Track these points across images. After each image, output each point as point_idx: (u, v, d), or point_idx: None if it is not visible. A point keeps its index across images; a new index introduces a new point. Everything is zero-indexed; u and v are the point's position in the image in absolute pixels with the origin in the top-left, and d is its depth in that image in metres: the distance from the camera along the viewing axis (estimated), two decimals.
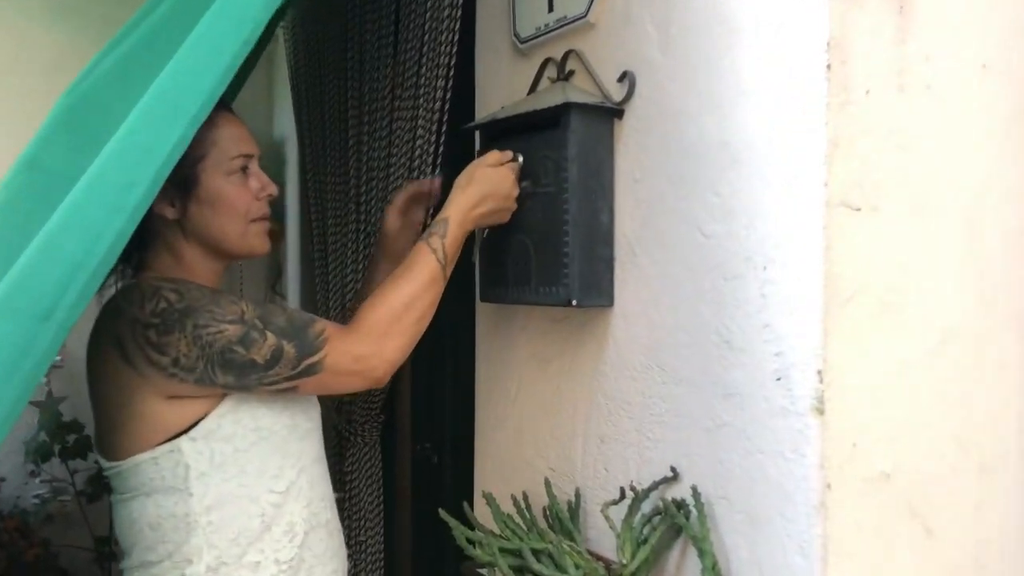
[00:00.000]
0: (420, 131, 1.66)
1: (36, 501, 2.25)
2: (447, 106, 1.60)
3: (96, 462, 2.26)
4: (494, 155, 1.28)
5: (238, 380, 1.14)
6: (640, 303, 1.20)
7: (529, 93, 1.38)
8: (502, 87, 1.47)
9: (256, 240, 1.27)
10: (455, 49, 1.57)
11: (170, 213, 1.22)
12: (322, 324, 1.17)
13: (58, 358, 2.28)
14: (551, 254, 1.23)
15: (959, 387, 1.10)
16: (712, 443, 1.09)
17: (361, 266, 1.92)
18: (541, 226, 1.26)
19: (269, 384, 1.15)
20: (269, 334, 1.13)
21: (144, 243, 1.25)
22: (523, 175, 1.28)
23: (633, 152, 1.21)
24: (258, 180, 1.26)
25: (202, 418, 1.16)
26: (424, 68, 1.64)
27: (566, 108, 1.19)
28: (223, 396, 1.17)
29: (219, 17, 0.87)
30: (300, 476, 1.23)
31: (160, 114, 0.83)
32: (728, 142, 1.06)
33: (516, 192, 1.28)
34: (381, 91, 1.83)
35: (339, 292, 2.02)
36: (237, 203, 1.23)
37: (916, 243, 1.05)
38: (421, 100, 1.65)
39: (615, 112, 1.22)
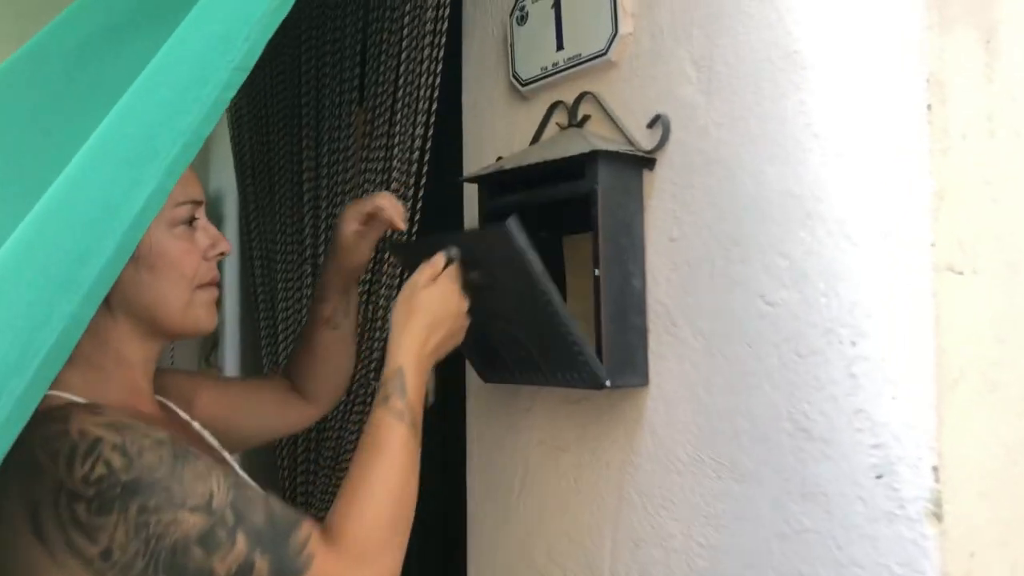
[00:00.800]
0: (395, 185, 1.47)
1: None
2: (427, 157, 1.42)
3: None
4: (425, 270, 1.03)
5: None
6: (684, 383, 1.03)
7: (533, 142, 1.21)
8: (497, 136, 1.30)
9: (202, 312, 0.98)
10: (436, 93, 1.40)
11: None
12: (307, 529, 0.85)
13: None
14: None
15: None
16: (789, 553, 0.91)
17: None
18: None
19: None
20: (240, 536, 0.80)
21: None
22: (470, 265, 1.04)
23: (668, 207, 1.05)
24: (207, 235, 0.98)
25: None
26: (399, 115, 1.46)
27: (593, 157, 1.02)
28: None
29: (196, 30, 0.67)
30: None
31: (124, 158, 0.62)
32: (797, 195, 0.91)
33: (465, 305, 1.04)
34: (344, 140, 1.64)
35: None
36: (183, 264, 0.94)
37: (1012, 309, 0.91)
38: (396, 151, 1.47)
39: (646, 162, 1.06)
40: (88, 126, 0.67)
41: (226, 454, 1.11)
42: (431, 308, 1.01)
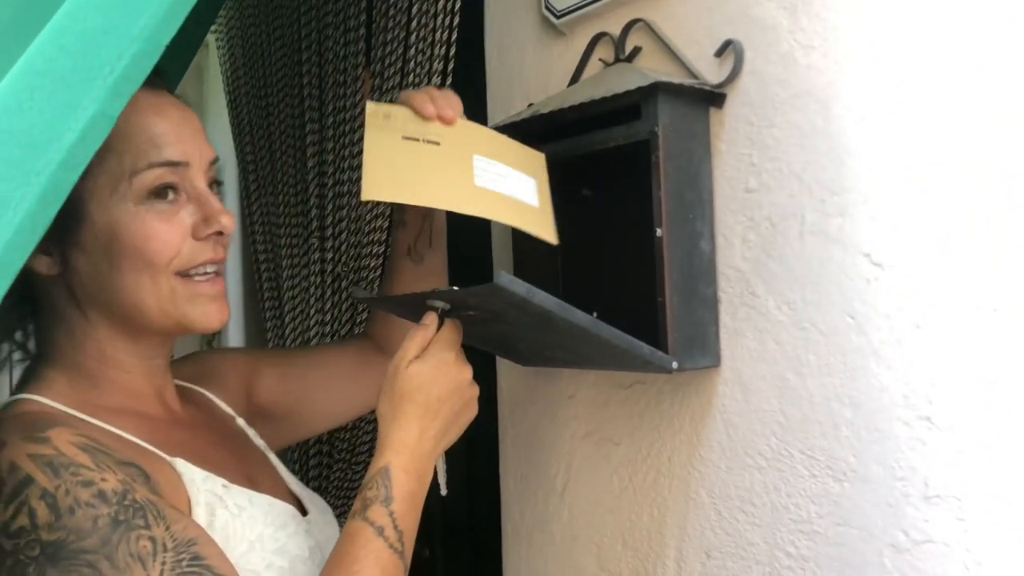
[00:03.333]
0: None
1: None
2: None
3: None
4: (413, 341, 0.82)
5: None
6: (765, 363, 0.85)
7: (571, 83, 1.04)
8: (528, 80, 1.12)
9: (194, 310, 0.79)
10: (455, 36, 1.22)
11: (44, 266, 0.75)
12: None
13: None
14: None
15: None
16: (907, 568, 0.74)
17: (329, 316, 1.53)
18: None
19: None
20: None
21: (34, 310, 0.80)
22: (461, 306, 0.83)
23: (743, 152, 0.87)
24: (198, 208, 0.78)
25: None
26: (413, 63, 1.28)
27: (652, 92, 0.85)
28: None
29: None
30: None
31: (56, 75, 0.45)
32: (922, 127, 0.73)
33: (469, 372, 0.84)
34: (351, 98, 1.46)
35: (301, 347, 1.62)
36: (148, 247, 0.74)
37: None
38: None
39: (713, 98, 0.89)
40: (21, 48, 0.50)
41: (271, 455, 0.97)
42: (422, 389, 0.80)
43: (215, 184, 0.83)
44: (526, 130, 1.00)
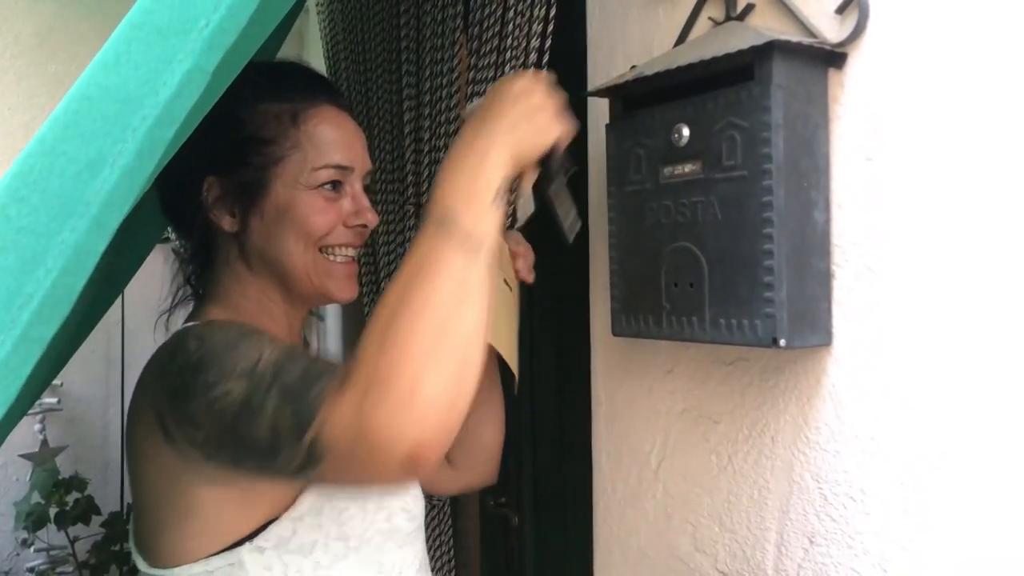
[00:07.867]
0: None
1: (30, 575, 1.87)
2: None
3: (102, 526, 1.89)
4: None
5: (236, 464, 0.78)
6: (882, 344, 0.80)
7: (678, 43, 0.99)
8: (631, 41, 1.08)
9: (330, 281, 0.92)
10: None
11: (228, 224, 0.92)
12: (336, 374, 0.71)
13: (55, 400, 1.91)
14: (740, 268, 0.84)
15: None
16: None
17: None
18: (722, 227, 0.86)
19: (279, 476, 0.78)
20: (270, 398, 0.71)
21: (209, 260, 0.96)
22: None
23: (863, 117, 0.81)
24: (354, 202, 0.93)
25: (272, 520, 0.82)
26: (513, 26, 1.25)
27: (767, 51, 0.80)
28: (301, 491, 0.83)
29: None
30: None
31: (154, 28, 0.44)
32: None
33: (550, 94, 0.81)
34: (448, 63, 1.44)
35: None
36: (308, 221, 0.89)
37: None
38: (507, 69, 1.27)
39: (833, 58, 0.83)
40: None
41: None
42: (490, 94, 0.80)
43: (368, 190, 0.97)
44: (628, 93, 0.96)
